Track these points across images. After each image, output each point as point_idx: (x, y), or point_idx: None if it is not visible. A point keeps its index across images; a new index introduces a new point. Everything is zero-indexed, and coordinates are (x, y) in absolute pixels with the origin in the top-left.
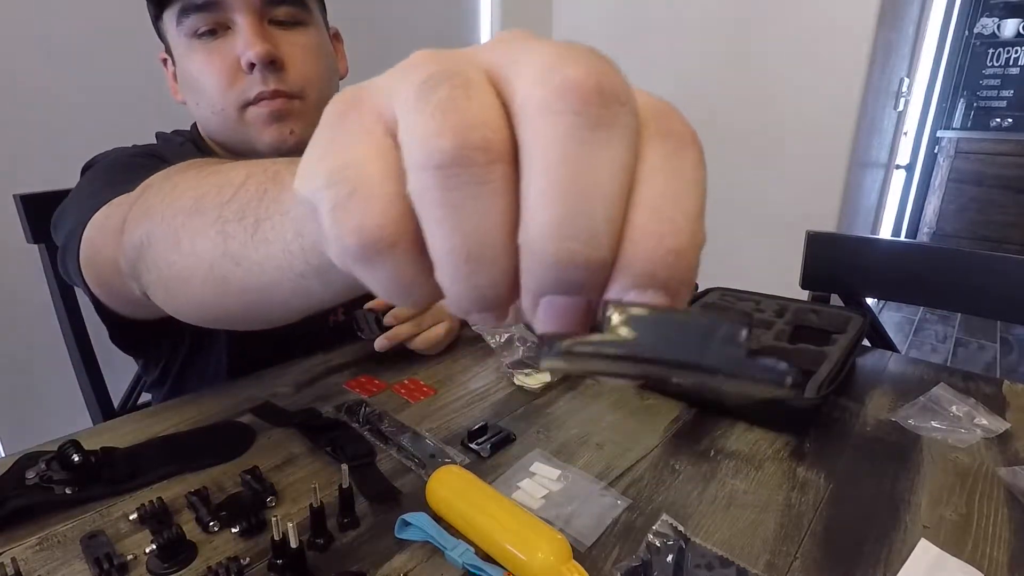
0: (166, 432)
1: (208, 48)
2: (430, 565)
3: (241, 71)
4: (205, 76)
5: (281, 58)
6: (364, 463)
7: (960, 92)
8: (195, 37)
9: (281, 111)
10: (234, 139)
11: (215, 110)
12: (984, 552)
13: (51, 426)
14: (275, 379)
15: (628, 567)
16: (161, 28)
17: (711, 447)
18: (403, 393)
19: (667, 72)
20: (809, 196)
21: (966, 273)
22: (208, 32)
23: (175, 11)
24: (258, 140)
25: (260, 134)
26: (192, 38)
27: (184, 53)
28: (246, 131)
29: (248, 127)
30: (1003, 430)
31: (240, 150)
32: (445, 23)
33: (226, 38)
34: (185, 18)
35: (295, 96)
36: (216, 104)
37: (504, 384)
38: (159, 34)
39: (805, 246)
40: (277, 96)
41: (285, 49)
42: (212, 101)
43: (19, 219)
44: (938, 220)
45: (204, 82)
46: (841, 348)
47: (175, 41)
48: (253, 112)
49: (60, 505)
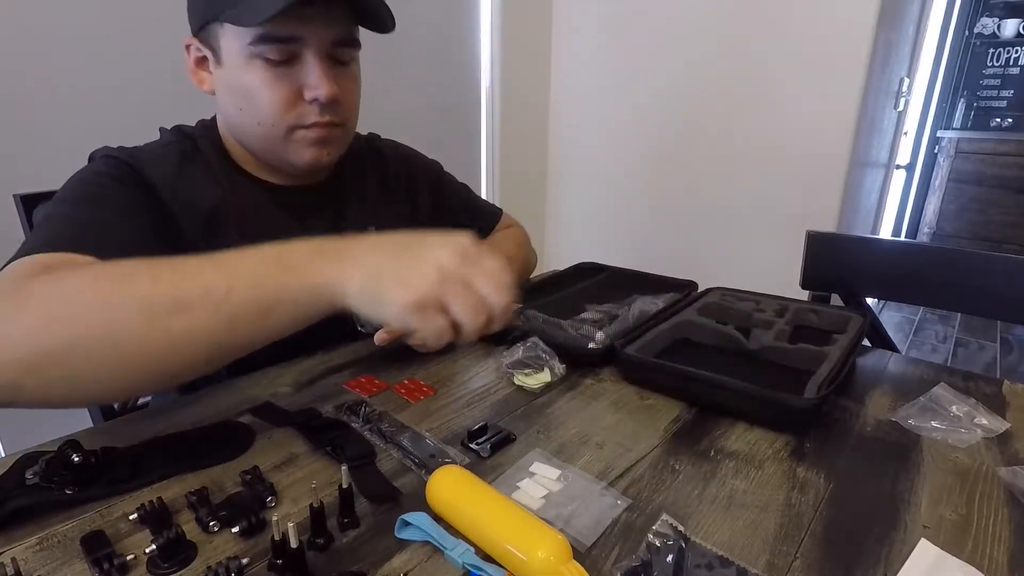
0: (166, 432)
1: (276, 72)
2: (430, 565)
3: (301, 99)
4: (265, 95)
5: (340, 97)
6: (364, 463)
7: (960, 92)
8: (262, 59)
9: (327, 138)
10: (269, 149)
11: (264, 124)
12: (984, 552)
13: (51, 426)
14: (275, 379)
15: (628, 567)
16: (212, 28)
17: (711, 447)
18: (403, 393)
19: (666, 72)
20: (809, 196)
21: (966, 273)
22: (278, 58)
23: (251, 33)
24: (298, 157)
25: (302, 153)
26: (257, 58)
27: (244, 65)
28: (288, 147)
29: (292, 144)
30: (1003, 430)
31: (269, 159)
32: (445, 23)
33: (293, 67)
34: (261, 44)
35: (338, 125)
36: (268, 120)
37: (504, 384)
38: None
39: (805, 246)
40: (327, 125)
41: (340, 85)
42: (264, 116)
43: (19, 219)
44: (938, 220)
45: (263, 99)
46: (841, 348)
47: (233, 50)
48: (301, 134)
49: (60, 505)
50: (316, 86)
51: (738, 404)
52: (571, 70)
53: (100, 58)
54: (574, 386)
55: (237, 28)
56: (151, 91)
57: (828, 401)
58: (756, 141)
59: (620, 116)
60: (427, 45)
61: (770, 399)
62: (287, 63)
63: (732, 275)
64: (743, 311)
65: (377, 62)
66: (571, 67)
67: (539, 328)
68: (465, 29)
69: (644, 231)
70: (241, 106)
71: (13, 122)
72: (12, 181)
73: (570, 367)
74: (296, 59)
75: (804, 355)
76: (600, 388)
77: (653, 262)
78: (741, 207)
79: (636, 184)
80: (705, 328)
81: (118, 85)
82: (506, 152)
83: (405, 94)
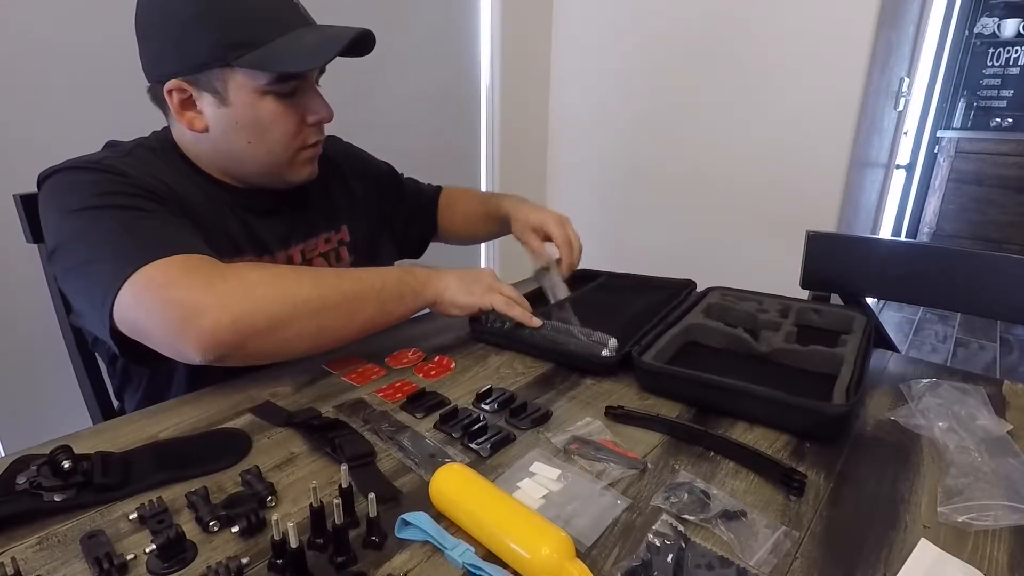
0: (165, 433)
1: (286, 104)
2: (430, 565)
3: (304, 124)
4: (279, 125)
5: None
6: (364, 463)
7: (960, 92)
8: (273, 94)
9: (319, 153)
10: (270, 172)
11: (274, 152)
12: (984, 552)
13: (51, 426)
14: (275, 379)
15: (628, 567)
16: (215, 72)
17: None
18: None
19: (666, 72)
20: (809, 196)
21: (966, 273)
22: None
23: (270, 75)
24: (297, 176)
25: (301, 171)
26: (269, 94)
27: (255, 102)
28: (291, 169)
29: (295, 166)
30: (1004, 431)
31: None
32: (445, 23)
33: (296, 97)
34: (281, 83)
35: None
36: (279, 148)
37: (504, 384)
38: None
39: (805, 246)
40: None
41: None
42: (276, 145)
43: (19, 219)
44: (938, 220)
45: (276, 130)
46: (854, 350)
47: (244, 90)
48: (304, 154)
49: (47, 513)
50: (318, 110)
51: (765, 411)
52: (571, 70)
53: (100, 58)
54: (574, 386)
55: (252, 73)
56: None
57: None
58: (756, 141)
59: (620, 116)
60: (427, 45)
61: (801, 407)
62: (293, 95)
63: (732, 275)
64: (746, 311)
65: (377, 62)
66: (571, 67)
67: (549, 336)
68: (465, 29)
69: (644, 230)
70: (251, 139)
71: (13, 122)
72: (12, 181)
73: (581, 375)
74: (297, 90)
75: (817, 357)
76: (599, 389)
77: (653, 261)
78: (741, 207)
79: (636, 183)
80: (714, 331)
81: (119, 86)
82: (506, 152)
83: (405, 94)
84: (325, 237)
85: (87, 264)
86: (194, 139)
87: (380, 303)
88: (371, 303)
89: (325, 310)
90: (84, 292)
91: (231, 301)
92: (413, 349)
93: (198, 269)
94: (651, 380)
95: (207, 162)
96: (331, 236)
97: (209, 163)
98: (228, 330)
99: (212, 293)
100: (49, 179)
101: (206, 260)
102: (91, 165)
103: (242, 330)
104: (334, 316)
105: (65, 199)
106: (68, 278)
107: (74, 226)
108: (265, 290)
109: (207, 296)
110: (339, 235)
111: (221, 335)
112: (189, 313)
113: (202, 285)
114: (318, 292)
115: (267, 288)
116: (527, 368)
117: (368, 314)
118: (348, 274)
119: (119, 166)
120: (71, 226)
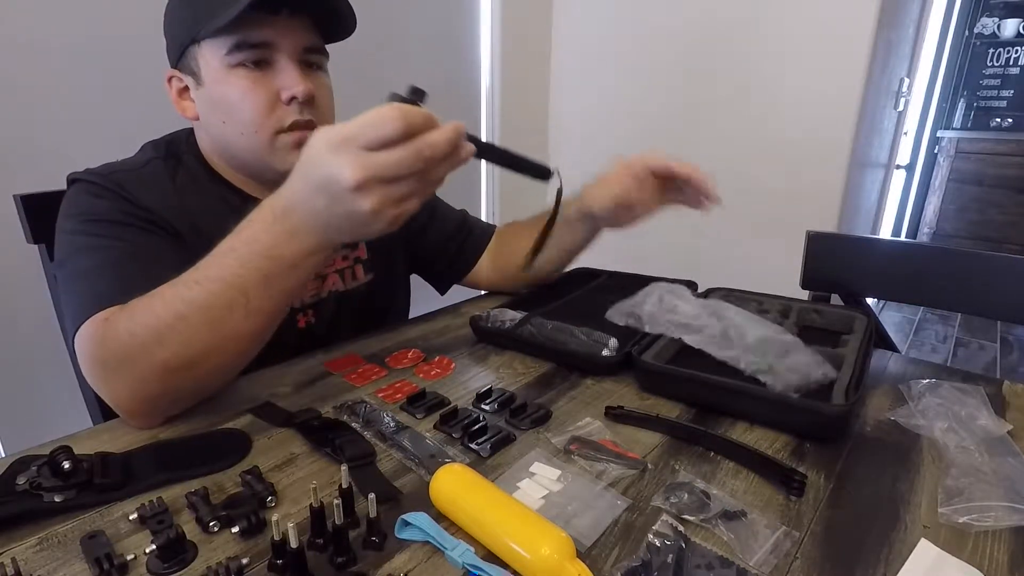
0: (165, 433)
1: (252, 78)
2: (430, 565)
3: (279, 102)
4: (247, 102)
5: (315, 95)
6: (364, 463)
7: (960, 92)
8: (239, 67)
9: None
10: (256, 159)
11: (247, 132)
12: (984, 552)
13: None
14: (275, 379)
15: (628, 567)
16: (191, 52)
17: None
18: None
19: (666, 71)
20: (809, 196)
21: (966, 273)
22: (254, 64)
23: (227, 43)
24: (282, 162)
25: (286, 158)
26: (235, 67)
27: (222, 79)
28: (273, 155)
29: (276, 150)
30: (1004, 431)
31: (256, 170)
32: (445, 22)
33: (268, 72)
34: (238, 52)
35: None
36: (251, 127)
37: (504, 384)
38: (178, 54)
39: (805, 246)
40: (308, 127)
41: (315, 88)
42: (247, 124)
43: (19, 219)
44: (938, 220)
45: (244, 107)
46: (855, 350)
47: (212, 66)
48: (284, 139)
49: (47, 514)
50: (291, 85)
51: (765, 411)
52: (571, 70)
53: (101, 58)
54: (574, 386)
55: (214, 44)
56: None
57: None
58: (756, 141)
59: (620, 116)
60: (427, 45)
61: (801, 407)
62: (264, 70)
63: (732, 275)
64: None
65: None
66: (571, 67)
67: (548, 336)
68: (465, 29)
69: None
70: (224, 119)
71: (13, 122)
72: (12, 181)
73: (581, 375)
74: (271, 65)
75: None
76: (600, 389)
77: (653, 261)
78: (741, 207)
79: None
80: None
81: (119, 86)
82: None
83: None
84: (343, 254)
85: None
86: (198, 132)
87: (250, 295)
88: (238, 303)
89: (193, 332)
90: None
91: (119, 387)
92: (413, 349)
93: (103, 343)
94: (651, 380)
95: (216, 159)
96: (348, 253)
97: (218, 160)
98: (133, 410)
99: (107, 381)
100: (71, 187)
101: (110, 326)
102: (102, 182)
103: (145, 400)
104: (208, 332)
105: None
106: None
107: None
108: (140, 351)
109: (105, 385)
110: (356, 252)
111: (135, 415)
112: (104, 395)
113: (100, 371)
114: (181, 321)
115: (140, 349)
116: (527, 368)
117: (243, 312)
118: (199, 280)
119: (127, 185)
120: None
